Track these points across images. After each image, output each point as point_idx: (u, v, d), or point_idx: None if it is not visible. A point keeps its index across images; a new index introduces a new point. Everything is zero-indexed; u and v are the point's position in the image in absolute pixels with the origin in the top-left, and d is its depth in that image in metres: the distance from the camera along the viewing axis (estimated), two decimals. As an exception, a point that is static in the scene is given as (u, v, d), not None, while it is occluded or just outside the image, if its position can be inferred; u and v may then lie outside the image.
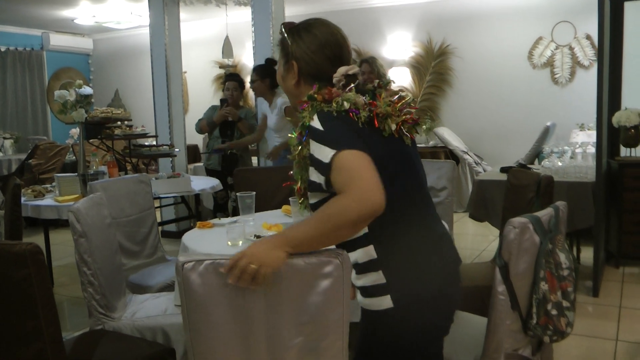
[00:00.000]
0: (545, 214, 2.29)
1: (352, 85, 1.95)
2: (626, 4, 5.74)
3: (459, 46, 9.15)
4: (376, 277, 1.89)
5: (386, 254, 1.89)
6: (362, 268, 1.91)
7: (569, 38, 8.63)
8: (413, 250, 1.91)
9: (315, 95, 1.90)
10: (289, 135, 1.96)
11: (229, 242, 2.93)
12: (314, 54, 2.00)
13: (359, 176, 1.72)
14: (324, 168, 1.79)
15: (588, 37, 8.33)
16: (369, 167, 1.74)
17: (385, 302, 1.88)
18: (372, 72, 5.90)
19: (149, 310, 3.15)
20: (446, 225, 2.77)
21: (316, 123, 1.84)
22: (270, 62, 5.82)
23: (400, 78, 9.34)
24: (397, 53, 9.45)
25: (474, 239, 6.44)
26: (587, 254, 5.21)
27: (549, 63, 8.74)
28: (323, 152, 1.79)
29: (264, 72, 5.76)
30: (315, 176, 1.85)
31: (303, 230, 1.76)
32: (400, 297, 1.88)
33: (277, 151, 5.82)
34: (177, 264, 1.75)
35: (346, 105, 1.85)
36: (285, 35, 2.07)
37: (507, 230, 2.16)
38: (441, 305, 1.96)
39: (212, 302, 1.75)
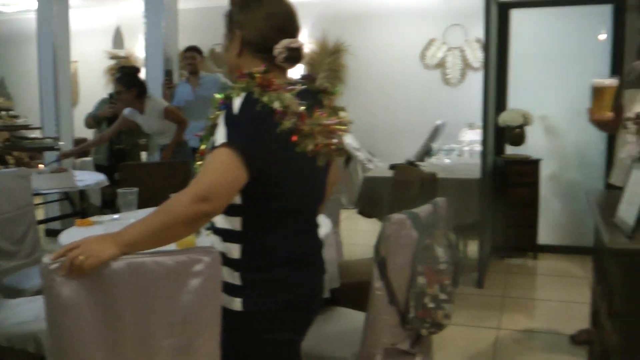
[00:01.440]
0: (424, 209, 2.35)
1: (303, 85, 1.93)
2: (512, 11, 6.01)
3: (354, 44, 9.28)
4: (232, 277, 1.88)
5: (249, 261, 1.89)
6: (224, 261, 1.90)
7: (460, 40, 8.95)
8: (276, 266, 1.91)
9: (256, 75, 1.81)
10: (215, 95, 1.88)
11: (107, 240, 2.85)
12: (259, 22, 1.89)
13: (213, 176, 1.72)
14: (210, 149, 1.79)
15: (478, 41, 8.62)
16: (233, 175, 1.73)
17: (235, 304, 1.87)
18: None
19: (21, 315, 2.93)
20: (329, 226, 2.81)
21: (237, 103, 1.78)
22: (134, 70, 5.67)
23: (295, 74, 9.38)
24: (303, 47, 9.46)
25: (365, 235, 6.57)
26: (474, 248, 5.43)
27: (441, 64, 9.03)
28: (220, 133, 1.76)
29: (129, 82, 5.49)
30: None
31: (139, 229, 1.72)
32: (250, 305, 1.88)
33: (169, 150, 5.71)
34: (42, 266, 1.67)
35: (276, 105, 1.78)
36: (233, 5, 1.97)
37: (384, 226, 2.20)
38: (294, 320, 1.98)
39: (79, 304, 1.67)
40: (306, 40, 9.48)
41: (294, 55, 1.89)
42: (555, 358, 3.83)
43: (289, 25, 1.93)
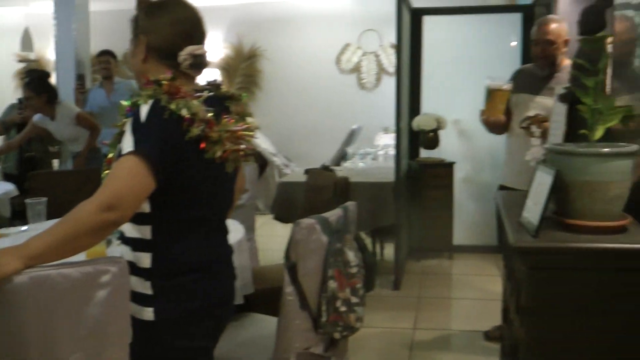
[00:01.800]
0: (333, 214, 2.36)
1: (209, 92, 1.91)
2: (425, 17, 6.11)
3: (269, 49, 9.28)
4: (143, 287, 1.86)
5: (160, 269, 1.87)
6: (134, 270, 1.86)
7: (374, 46, 9.07)
8: (186, 273, 1.90)
9: (163, 82, 1.79)
10: (123, 102, 1.87)
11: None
12: (164, 28, 1.88)
13: (120, 184, 1.70)
14: (118, 156, 1.76)
15: (392, 46, 8.75)
16: (140, 183, 1.71)
17: (146, 313, 1.85)
18: None
19: None
20: (241, 232, 2.80)
21: (144, 110, 1.76)
22: (43, 74, 5.51)
23: (202, 80, 9.30)
24: (208, 54, 9.36)
25: (281, 241, 6.55)
26: (389, 250, 5.48)
27: (356, 68, 9.13)
28: (127, 142, 1.73)
29: (39, 87, 5.34)
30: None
31: (43, 241, 1.67)
32: (161, 314, 1.86)
33: (82, 158, 5.55)
34: None
35: (184, 112, 1.76)
36: (139, 10, 1.95)
37: (294, 231, 2.21)
38: (205, 327, 1.97)
39: None
40: (221, 45, 9.42)
41: (199, 62, 1.89)
42: (470, 355, 3.91)
43: (194, 31, 1.92)
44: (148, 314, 1.84)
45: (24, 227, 3.18)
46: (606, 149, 2.03)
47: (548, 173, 2.09)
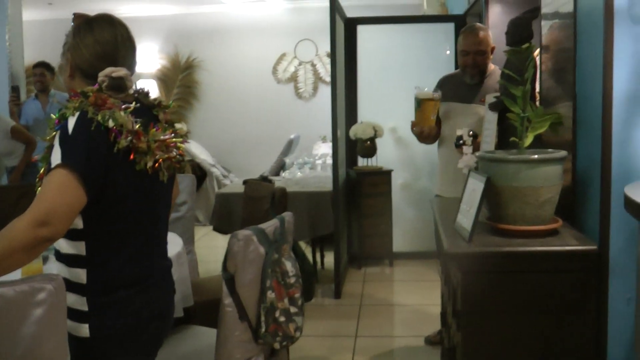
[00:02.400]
0: (270, 225, 2.36)
1: (136, 104, 1.88)
2: (359, 27, 6.18)
3: (206, 60, 9.24)
4: (79, 303, 1.83)
5: (96, 285, 1.84)
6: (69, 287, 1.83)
7: (311, 55, 9.12)
8: (122, 288, 1.87)
9: (90, 94, 1.78)
10: (52, 115, 1.84)
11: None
12: (85, 48, 1.88)
13: (51, 199, 1.67)
14: (47, 170, 1.73)
15: (328, 55, 8.81)
16: (72, 197, 1.69)
17: (83, 330, 1.83)
18: None
19: None
20: (180, 244, 2.78)
21: (71, 122, 1.74)
22: None
23: (139, 88, 9.21)
24: (143, 65, 9.28)
25: (222, 252, 6.52)
26: (330, 259, 5.50)
27: (293, 78, 9.16)
28: (56, 155, 1.72)
29: None
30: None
31: None
32: (97, 330, 1.83)
33: (18, 172, 5.41)
34: None
35: (111, 123, 1.74)
36: (71, 28, 1.94)
37: (231, 242, 2.20)
38: (143, 341, 1.95)
39: None
40: (157, 55, 9.31)
41: (117, 85, 1.86)
42: (412, 360, 3.96)
43: (116, 52, 1.91)
44: (84, 330, 1.82)
45: None
46: (535, 156, 2.10)
47: (480, 180, 2.14)
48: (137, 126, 1.82)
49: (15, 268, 1.71)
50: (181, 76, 9.32)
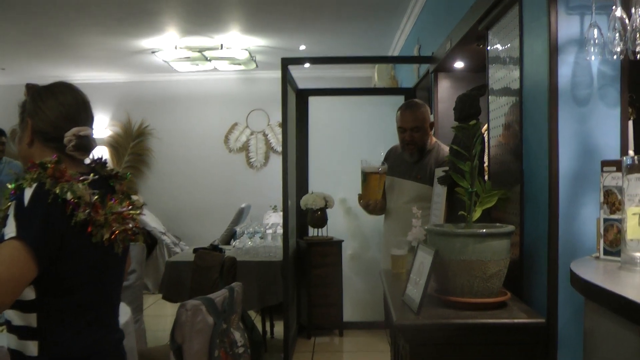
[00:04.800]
0: (219, 295, 2.35)
1: (94, 175, 1.86)
2: (310, 98, 6.28)
3: (158, 127, 9.26)
4: None
5: (47, 357, 1.79)
6: None
7: (262, 125, 9.21)
8: None
9: (48, 165, 1.75)
10: (8, 185, 1.78)
11: None
12: (49, 111, 1.86)
13: (0, 270, 1.63)
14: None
15: (280, 125, 8.91)
16: (21, 270, 1.65)
17: None
18: None
19: None
20: (128, 314, 2.72)
21: (28, 194, 1.71)
22: None
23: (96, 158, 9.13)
24: (95, 132, 9.17)
25: (171, 320, 6.41)
26: (280, 328, 5.42)
27: (244, 147, 9.21)
28: (10, 227, 1.67)
29: None
30: None
31: None
32: None
33: None
34: None
35: (69, 196, 1.72)
36: (27, 95, 1.93)
37: (179, 312, 2.17)
38: None
39: None
40: (109, 122, 9.27)
41: (83, 144, 1.88)
42: None
43: (78, 114, 1.91)
44: None
45: None
46: (483, 230, 2.14)
47: (428, 253, 2.17)
48: (95, 198, 1.79)
49: None
50: (133, 143, 9.29)
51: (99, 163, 2.00)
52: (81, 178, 1.81)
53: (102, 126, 9.28)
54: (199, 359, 2.21)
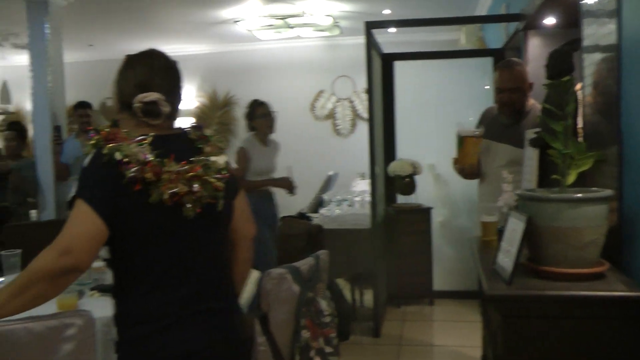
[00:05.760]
0: (305, 263, 2.33)
1: (147, 137, 1.84)
2: (396, 63, 6.16)
3: (243, 97, 9.30)
4: (114, 332, 1.84)
5: (120, 318, 1.84)
6: None
7: (348, 92, 9.12)
8: (139, 324, 1.82)
9: (102, 130, 1.83)
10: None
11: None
12: (124, 79, 1.94)
13: (71, 228, 1.71)
14: (70, 202, 1.76)
15: (366, 91, 8.81)
16: (89, 225, 1.71)
17: None
18: None
19: None
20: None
21: (87, 158, 1.80)
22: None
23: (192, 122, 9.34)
24: (183, 103, 9.38)
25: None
26: (369, 297, 5.41)
27: (331, 115, 9.17)
28: (75, 187, 1.76)
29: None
30: None
31: (5, 290, 1.67)
32: None
33: None
34: None
35: (117, 155, 1.75)
36: None
37: (264, 281, 2.17)
38: None
39: None
40: (195, 93, 9.42)
41: (150, 109, 1.89)
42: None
43: (152, 80, 1.93)
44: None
45: (0, 279, 3.16)
46: (579, 195, 2.02)
47: (520, 220, 2.07)
48: (151, 157, 1.80)
49: (41, 300, 1.70)
50: (219, 113, 9.41)
51: (192, 126, 2.04)
52: (137, 139, 1.83)
53: (189, 98, 9.44)
54: (284, 328, 2.21)
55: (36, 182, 5.98)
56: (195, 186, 1.84)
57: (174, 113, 1.98)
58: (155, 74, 1.94)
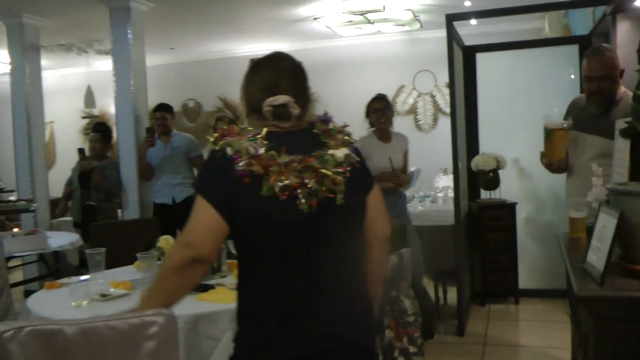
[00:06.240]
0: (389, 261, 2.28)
1: (260, 131, 1.85)
2: (478, 55, 6.04)
3: (324, 94, 9.28)
4: (234, 325, 1.90)
5: (239, 311, 1.87)
6: None
7: (429, 86, 9.00)
8: (251, 318, 1.83)
9: (218, 129, 1.88)
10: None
11: (73, 303, 2.77)
12: (250, 84, 1.96)
13: (191, 222, 1.80)
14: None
15: (447, 85, 8.69)
16: (207, 219, 1.78)
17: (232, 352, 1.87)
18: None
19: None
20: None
21: (207, 155, 1.89)
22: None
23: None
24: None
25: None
26: (453, 294, 5.33)
27: (412, 110, 9.07)
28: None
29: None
30: None
31: (150, 287, 1.87)
32: (237, 355, 1.84)
33: None
34: None
35: (229, 151, 1.78)
36: None
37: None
38: None
39: None
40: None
41: (278, 112, 1.89)
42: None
43: (279, 83, 1.92)
44: (232, 353, 1.88)
45: (84, 277, 3.26)
46: (676, 189, 1.90)
47: (611, 215, 1.96)
48: (262, 150, 1.80)
49: (176, 294, 1.84)
50: (300, 111, 9.45)
51: (319, 119, 2.04)
52: (251, 134, 1.85)
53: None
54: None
55: (119, 182, 6.17)
56: (306, 180, 1.79)
57: (304, 114, 1.96)
58: (281, 76, 1.94)
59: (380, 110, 5.10)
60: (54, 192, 7.50)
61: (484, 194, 5.98)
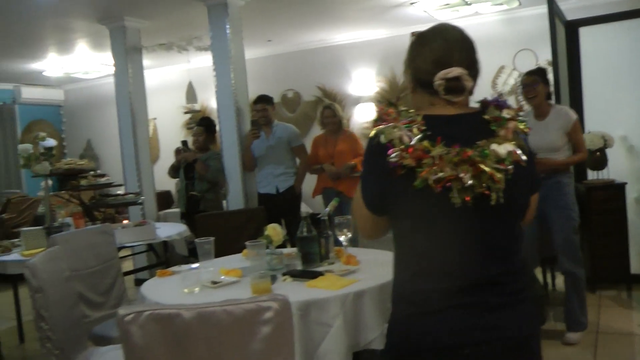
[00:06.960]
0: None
1: (416, 118, 1.78)
2: (581, 30, 5.81)
3: (422, 78, 9.22)
4: None
5: (392, 294, 1.90)
6: None
7: (531, 65, 8.68)
8: (403, 303, 1.83)
9: (377, 115, 1.84)
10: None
11: (185, 290, 2.87)
12: (419, 57, 1.87)
13: (354, 209, 1.94)
14: None
15: (549, 63, 8.40)
16: (362, 209, 1.87)
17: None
18: (335, 116, 6.12)
19: (109, 363, 3.03)
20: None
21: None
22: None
23: (368, 114, 9.38)
24: (362, 89, 9.49)
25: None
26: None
27: (513, 90, 8.80)
28: None
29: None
30: None
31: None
32: (388, 350, 1.87)
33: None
34: (117, 317, 1.73)
35: (382, 139, 1.75)
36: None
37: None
38: None
39: (153, 353, 1.72)
40: (375, 78, 9.45)
41: (453, 86, 1.80)
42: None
43: (450, 56, 1.82)
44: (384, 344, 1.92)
45: (195, 265, 3.40)
46: None
47: None
48: (415, 141, 1.72)
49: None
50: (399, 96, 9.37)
51: (482, 102, 1.91)
52: (406, 121, 1.77)
53: (369, 83, 9.49)
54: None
55: (222, 172, 6.35)
56: (463, 173, 1.69)
57: (473, 88, 1.87)
58: (452, 48, 1.84)
59: (529, 85, 4.66)
60: (159, 185, 7.79)
61: (591, 175, 5.77)
